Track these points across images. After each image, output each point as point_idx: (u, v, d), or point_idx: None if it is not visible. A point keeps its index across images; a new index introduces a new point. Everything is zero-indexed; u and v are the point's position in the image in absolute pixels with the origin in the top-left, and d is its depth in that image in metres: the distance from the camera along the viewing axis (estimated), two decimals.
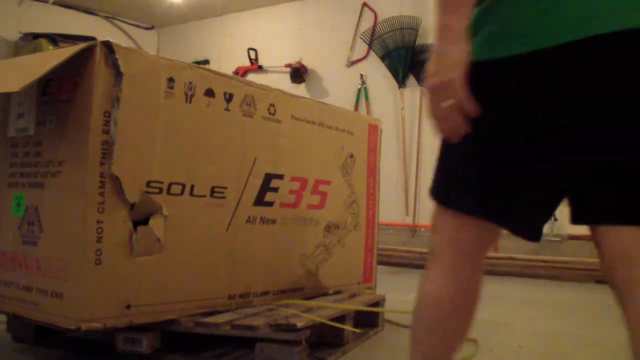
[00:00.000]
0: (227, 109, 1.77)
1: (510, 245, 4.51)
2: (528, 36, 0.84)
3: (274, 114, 1.93)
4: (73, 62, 1.45)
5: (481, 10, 0.91)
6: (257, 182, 1.88)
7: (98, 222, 1.46)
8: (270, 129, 1.93)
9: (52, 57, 1.48)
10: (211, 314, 1.71)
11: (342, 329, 1.84)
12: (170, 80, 1.61)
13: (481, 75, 0.88)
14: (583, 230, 1.00)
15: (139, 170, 1.54)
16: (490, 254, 4.43)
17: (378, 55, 5.28)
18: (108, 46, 1.47)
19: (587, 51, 0.80)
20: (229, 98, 1.77)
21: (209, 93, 1.72)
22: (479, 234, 0.99)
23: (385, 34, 5.22)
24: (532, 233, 0.98)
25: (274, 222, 1.97)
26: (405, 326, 2.26)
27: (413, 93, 5.10)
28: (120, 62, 1.47)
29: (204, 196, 1.72)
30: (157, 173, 1.58)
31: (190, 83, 1.66)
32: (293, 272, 2.01)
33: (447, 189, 1.01)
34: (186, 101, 1.65)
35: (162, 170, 1.59)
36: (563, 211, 0.99)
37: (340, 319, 1.85)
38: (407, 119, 5.09)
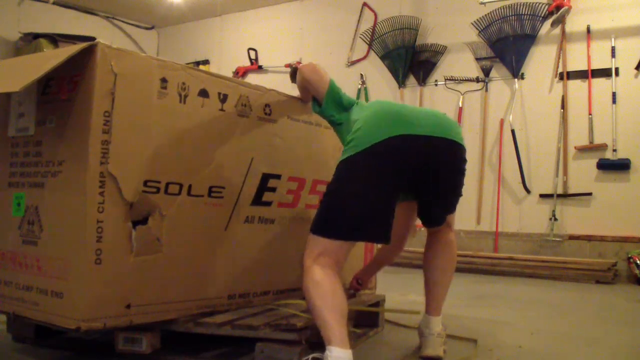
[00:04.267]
0: (221, 109, 1.77)
1: (510, 246, 4.51)
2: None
3: (269, 114, 1.93)
4: (73, 62, 1.45)
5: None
6: (254, 182, 1.88)
7: (98, 221, 1.46)
8: (267, 129, 1.93)
9: (52, 57, 1.48)
10: (211, 314, 1.71)
11: None
12: (163, 80, 1.61)
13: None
14: (583, 230, 1.00)
15: (135, 169, 1.54)
16: (491, 254, 4.44)
17: (378, 55, 5.29)
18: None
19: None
20: (223, 98, 1.78)
21: (203, 93, 1.72)
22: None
23: (385, 34, 5.22)
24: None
25: (272, 221, 1.97)
26: (406, 326, 2.26)
27: (413, 93, 5.10)
28: (112, 63, 1.48)
29: (202, 196, 1.72)
30: (154, 172, 1.58)
31: (184, 84, 1.66)
32: (292, 272, 2.01)
33: None
34: (180, 101, 1.66)
35: (159, 169, 1.60)
36: (563, 211, 0.99)
37: None
38: None
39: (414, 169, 1.65)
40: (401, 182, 1.66)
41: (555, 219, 4.30)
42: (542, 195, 4.43)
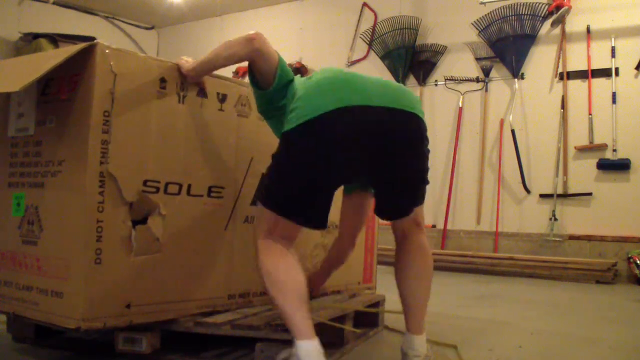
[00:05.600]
0: (221, 109, 1.77)
1: (510, 246, 4.51)
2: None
3: None
4: (73, 62, 1.46)
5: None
6: (254, 182, 1.88)
7: (98, 221, 1.46)
8: (267, 129, 1.93)
9: (52, 57, 1.48)
10: (211, 314, 1.71)
11: (342, 329, 1.84)
12: (162, 80, 1.61)
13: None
14: (583, 230, 1.01)
15: (134, 169, 1.54)
16: (491, 254, 4.44)
17: (378, 55, 5.29)
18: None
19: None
20: (222, 98, 1.78)
21: (202, 93, 1.72)
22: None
23: (385, 34, 5.22)
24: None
25: None
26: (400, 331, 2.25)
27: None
28: (112, 63, 1.48)
29: (202, 196, 1.72)
30: (153, 172, 1.58)
31: (183, 84, 1.67)
32: None
33: None
34: (179, 101, 1.66)
35: (158, 169, 1.60)
36: (563, 211, 0.99)
37: (340, 319, 1.84)
38: None
39: (367, 148, 1.42)
40: (350, 163, 1.43)
41: (555, 219, 4.30)
42: (542, 195, 4.43)
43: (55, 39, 5.15)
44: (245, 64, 1.61)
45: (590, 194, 4.24)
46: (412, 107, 1.47)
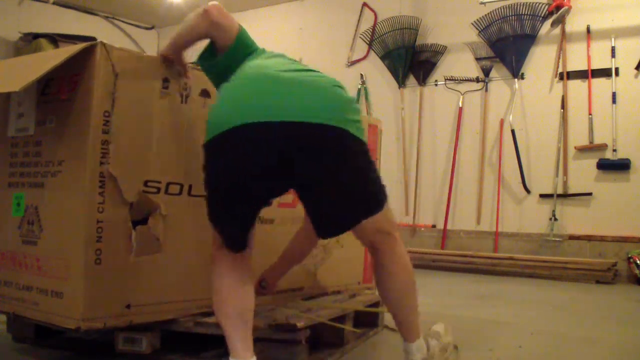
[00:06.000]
0: None
1: (510, 246, 4.51)
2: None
3: None
4: (73, 62, 1.45)
5: None
6: None
7: (98, 222, 1.46)
8: None
9: (52, 57, 1.48)
10: (211, 314, 1.71)
11: (342, 329, 1.84)
12: (165, 80, 1.61)
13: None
14: (583, 230, 1.01)
15: (135, 169, 1.54)
16: (491, 254, 4.44)
17: (378, 55, 5.28)
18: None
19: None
20: None
21: (205, 94, 1.72)
22: None
23: (385, 34, 5.22)
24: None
25: (272, 221, 1.97)
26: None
27: (413, 93, 5.10)
28: (113, 63, 1.48)
29: (203, 196, 1.71)
30: (155, 172, 1.58)
31: (185, 84, 1.67)
32: (292, 272, 2.00)
33: None
34: (182, 101, 1.66)
35: (160, 169, 1.60)
36: (563, 211, 0.99)
37: (340, 319, 1.85)
38: (407, 119, 5.09)
39: (273, 170, 1.31)
40: (259, 186, 1.35)
41: (555, 219, 4.30)
42: (542, 195, 4.43)
43: (55, 39, 5.14)
44: None
45: (590, 194, 4.23)
46: (323, 118, 1.29)
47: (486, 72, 4.75)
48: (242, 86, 1.36)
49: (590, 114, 4.30)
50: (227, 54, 1.52)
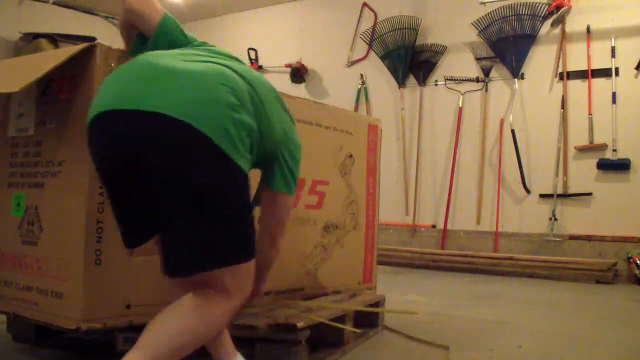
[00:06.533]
0: None
1: (510, 246, 4.51)
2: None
3: None
4: (73, 62, 1.45)
5: None
6: (254, 182, 1.87)
7: (98, 222, 1.46)
8: None
9: (52, 57, 1.48)
10: None
11: (342, 329, 1.84)
12: None
13: None
14: (583, 230, 1.01)
15: None
16: (491, 254, 4.44)
17: (378, 55, 5.28)
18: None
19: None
20: None
21: None
22: None
23: (385, 34, 5.22)
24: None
25: None
26: (401, 332, 2.26)
27: (413, 93, 5.10)
28: (112, 64, 1.48)
29: None
30: None
31: None
32: (292, 272, 2.00)
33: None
34: None
35: None
36: (563, 211, 0.99)
37: (340, 319, 1.85)
38: (407, 119, 5.09)
39: (119, 171, 1.18)
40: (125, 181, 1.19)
41: (555, 219, 4.30)
42: (542, 195, 4.43)
43: (55, 39, 5.14)
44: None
45: (590, 194, 4.23)
46: (169, 108, 1.10)
47: (486, 72, 4.76)
48: (118, 72, 1.25)
49: (590, 114, 4.30)
50: (150, 42, 1.41)
